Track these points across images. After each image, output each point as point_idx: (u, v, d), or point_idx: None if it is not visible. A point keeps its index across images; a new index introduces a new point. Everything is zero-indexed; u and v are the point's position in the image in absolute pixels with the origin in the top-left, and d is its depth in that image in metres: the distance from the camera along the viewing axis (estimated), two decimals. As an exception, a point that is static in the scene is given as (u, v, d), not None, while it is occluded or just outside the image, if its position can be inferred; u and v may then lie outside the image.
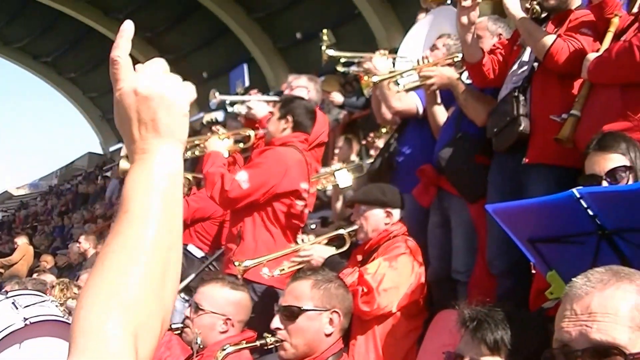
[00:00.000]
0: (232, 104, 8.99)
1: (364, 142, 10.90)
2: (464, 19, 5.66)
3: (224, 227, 8.24)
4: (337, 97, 12.48)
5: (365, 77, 6.84)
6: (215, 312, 5.11)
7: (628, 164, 4.14)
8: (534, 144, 5.38)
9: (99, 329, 1.48)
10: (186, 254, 8.24)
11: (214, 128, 7.82)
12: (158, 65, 1.86)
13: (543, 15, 5.85)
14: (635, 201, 3.08)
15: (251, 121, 8.21)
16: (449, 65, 6.62)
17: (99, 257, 1.62)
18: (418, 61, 6.84)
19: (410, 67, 6.98)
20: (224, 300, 5.18)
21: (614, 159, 4.14)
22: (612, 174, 4.11)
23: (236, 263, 6.02)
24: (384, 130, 9.17)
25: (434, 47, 6.96)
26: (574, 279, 2.42)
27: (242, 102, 8.78)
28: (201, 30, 32.52)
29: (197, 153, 7.62)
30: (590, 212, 3.17)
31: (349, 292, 5.01)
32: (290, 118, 6.87)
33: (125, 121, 1.77)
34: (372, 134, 10.07)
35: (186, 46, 33.93)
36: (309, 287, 4.73)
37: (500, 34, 6.50)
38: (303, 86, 8.58)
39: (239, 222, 6.63)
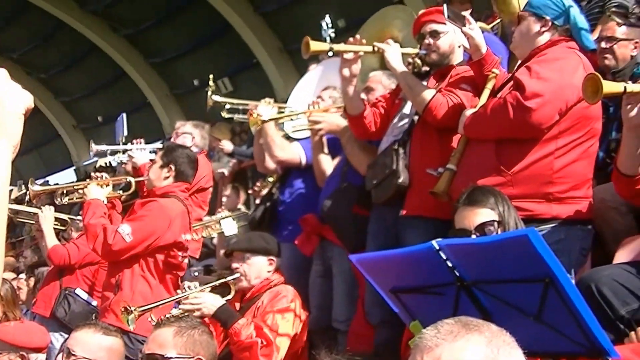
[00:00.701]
0: (114, 153, 9.00)
1: (250, 191, 10.93)
2: (346, 72, 5.71)
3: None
4: (227, 145, 12.46)
5: (255, 115, 6.86)
6: (88, 357, 5.01)
7: (497, 218, 4.22)
8: (412, 197, 5.47)
9: None
10: (74, 296, 8.23)
11: (93, 175, 7.77)
12: None
13: (425, 69, 5.97)
14: (490, 253, 3.16)
15: (137, 169, 8.24)
16: (339, 113, 6.68)
17: None
18: (308, 106, 6.90)
19: (300, 111, 7.04)
20: (97, 346, 5.07)
21: (483, 214, 4.22)
22: (481, 229, 4.18)
23: (132, 308, 5.90)
24: (270, 179, 9.21)
25: (319, 99, 7.02)
26: (423, 330, 2.46)
27: (124, 151, 8.82)
28: (98, 73, 32.19)
29: (75, 199, 7.55)
30: (450, 264, 3.23)
31: (214, 337, 4.96)
32: (172, 167, 6.78)
33: None
34: (258, 184, 10.11)
35: (82, 89, 33.52)
36: (172, 334, 4.64)
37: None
38: (188, 132, 8.67)
39: (118, 272, 6.53)
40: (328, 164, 6.71)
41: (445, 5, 5.55)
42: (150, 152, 8.75)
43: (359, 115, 5.95)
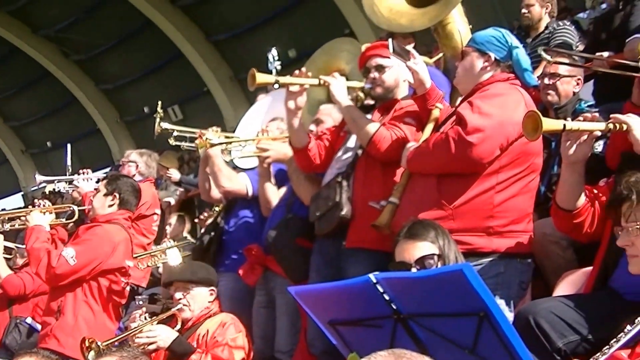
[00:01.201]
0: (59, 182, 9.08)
1: (196, 220, 10.92)
2: (291, 104, 5.72)
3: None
4: (175, 174, 12.50)
5: (204, 138, 6.87)
6: (28, 385, 4.97)
7: (437, 252, 4.27)
8: (354, 229, 5.50)
9: None
10: (25, 325, 8.15)
11: (36, 202, 7.80)
12: None
13: (369, 102, 6.02)
14: (426, 287, 3.21)
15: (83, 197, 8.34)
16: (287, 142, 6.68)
17: None
18: (257, 134, 6.92)
19: (248, 138, 7.05)
20: None
21: (423, 247, 4.27)
22: (421, 262, 4.23)
23: (100, 343, 5.83)
24: (217, 209, 9.23)
25: (265, 131, 7.03)
26: None
27: (69, 181, 8.89)
28: (48, 98, 31.98)
29: (17, 226, 7.54)
30: (387, 297, 3.27)
31: None
32: (116, 195, 6.91)
33: None
34: (205, 213, 10.10)
35: (32, 114, 33.28)
36: None
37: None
38: (132, 161, 8.76)
39: (60, 297, 6.52)
40: (273, 193, 6.73)
41: (390, 40, 5.61)
42: (96, 181, 8.81)
43: (304, 147, 5.95)
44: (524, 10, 8.70)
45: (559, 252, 5.53)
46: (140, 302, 7.87)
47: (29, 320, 8.18)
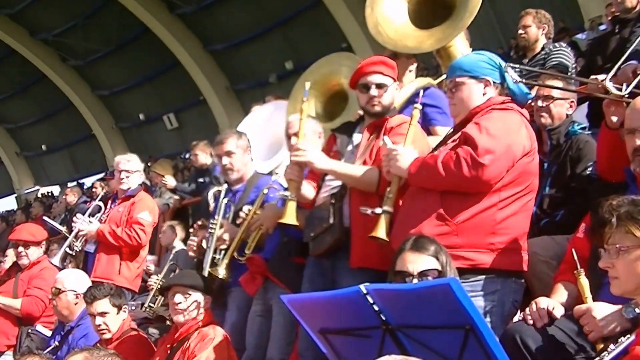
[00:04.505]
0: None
1: (191, 229, 10.92)
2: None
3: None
4: (170, 181, 12.51)
5: None
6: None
7: (439, 267, 4.33)
8: (353, 248, 5.49)
9: None
10: (36, 333, 8.20)
11: None
12: None
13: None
14: (414, 300, 3.27)
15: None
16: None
17: None
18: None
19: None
20: None
21: (427, 261, 4.33)
22: (424, 275, 4.29)
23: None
24: (213, 221, 9.25)
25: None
26: None
27: (75, 236, 9.09)
28: (45, 102, 32.02)
29: None
30: (376, 308, 3.34)
31: None
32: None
33: None
34: (199, 222, 10.12)
35: (28, 117, 33.31)
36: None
37: (320, 132, 6.65)
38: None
39: None
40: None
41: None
42: (88, 215, 8.99)
43: (312, 200, 5.98)
44: (520, 31, 8.77)
45: (549, 272, 5.54)
46: (132, 308, 7.96)
47: (38, 327, 8.25)
